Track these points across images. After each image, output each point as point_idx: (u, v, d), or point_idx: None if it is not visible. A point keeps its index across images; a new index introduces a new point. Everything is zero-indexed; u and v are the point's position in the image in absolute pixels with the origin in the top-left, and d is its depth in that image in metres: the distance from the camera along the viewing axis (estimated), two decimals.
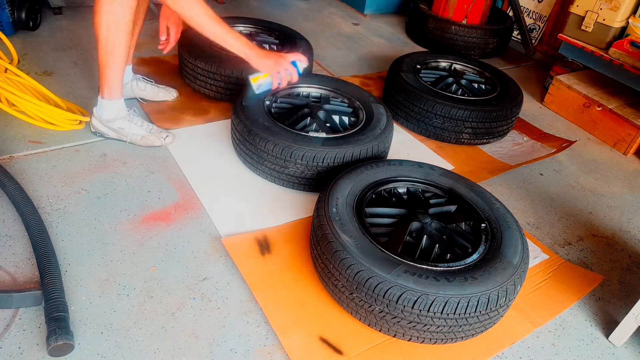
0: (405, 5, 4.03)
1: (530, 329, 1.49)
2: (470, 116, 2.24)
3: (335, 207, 1.47)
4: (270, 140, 1.78)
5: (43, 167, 1.82)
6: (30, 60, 2.49)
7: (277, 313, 1.41)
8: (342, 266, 1.32)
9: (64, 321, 1.25)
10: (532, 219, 1.99)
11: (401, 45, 3.50)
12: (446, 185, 1.71)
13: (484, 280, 1.30)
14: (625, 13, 2.55)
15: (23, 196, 1.61)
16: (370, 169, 1.68)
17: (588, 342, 1.50)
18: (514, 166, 2.26)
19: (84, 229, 1.60)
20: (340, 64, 3.07)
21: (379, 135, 1.90)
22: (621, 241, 1.94)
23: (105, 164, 1.89)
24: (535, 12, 3.56)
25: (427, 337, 1.32)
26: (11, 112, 1.93)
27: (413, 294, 1.24)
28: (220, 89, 2.30)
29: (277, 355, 1.32)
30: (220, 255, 1.59)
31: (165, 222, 1.67)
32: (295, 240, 1.67)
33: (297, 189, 1.90)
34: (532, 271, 1.69)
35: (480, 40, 3.27)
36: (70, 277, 1.43)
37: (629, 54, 2.47)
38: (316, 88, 2.20)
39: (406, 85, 2.34)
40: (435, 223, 1.53)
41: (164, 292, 1.44)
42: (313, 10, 3.88)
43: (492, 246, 1.45)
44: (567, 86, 2.78)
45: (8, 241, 1.51)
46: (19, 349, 1.23)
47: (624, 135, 2.54)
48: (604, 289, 1.70)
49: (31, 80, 1.99)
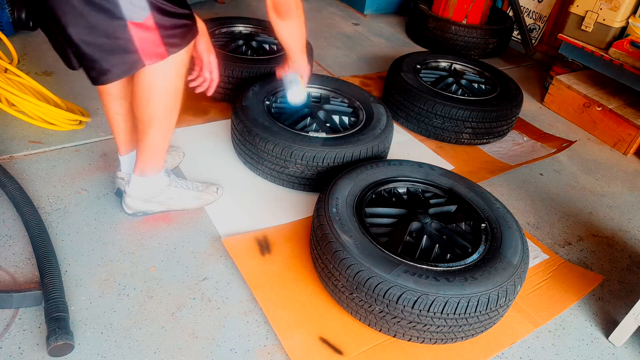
0: (405, 5, 4.03)
1: (530, 329, 1.49)
2: (470, 116, 2.24)
3: (335, 207, 1.47)
4: (270, 140, 1.78)
5: (43, 167, 1.82)
6: (30, 61, 2.49)
7: (277, 313, 1.41)
8: (342, 266, 1.32)
9: (64, 321, 1.25)
10: (532, 219, 1.99)
11: (401, 45, 3.50)
12: (446, 185, 1.71)
13: (484, 281, 1.30)
14: (625, 13, 2.55)
15: (23, 196, 1.61)
16: (370, 169, 1.68)
17: (588, 342, 1.50)
18: (514, 166, 2.26)
19: (84, 229, 1.60)
20: (340, 64, 3.07)
21: (379, 135, 1.90)
22: (621, 241, 1.94)
23: (106, 164, 1.89)
24: (535, 12, 3.56)
25: (427, 337, 1.32)
26: (11, 112, 1.93)
27: (413, 294, 1.24)
28: (220, 89, 2.30)
29: (277, 355, 1.32)
30: (220, 255, 1.59)
31: (165, 222, 1.67)
32: (295, 240, 1.67)
33: (297, 189, 1.90)
34: (532, 271, 1.69)
35: (480, 40, 3.27)
36: (70, 277, 1.43)
37: (629, 54, 2.47)
38: (316, 88, 2.20)
39: (406, 85, 2.34)
40: (435, 223, 1.53)
41: (164, 292, 1.44)
42: (313, 10, 3.88)
43: (492, 246, 1.45)
44: (567, 86, 2.78)
45: (8, 241, 1.51)
46: (19, 349, 1.23)
47: (624, 135, 2.54)
48: (604, 289, 1.70)
49: (31, 81, 1.99)
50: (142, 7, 1.18)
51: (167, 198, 1.66)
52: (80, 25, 1.17)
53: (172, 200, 1.68)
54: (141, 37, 1.22)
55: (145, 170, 1.56)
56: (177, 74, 1.36)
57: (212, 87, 1.63)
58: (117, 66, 1.26)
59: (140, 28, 1.21)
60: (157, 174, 1.60)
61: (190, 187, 1.72)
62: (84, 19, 1.16)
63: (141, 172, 1.56)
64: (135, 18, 1.19)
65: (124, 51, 1.23)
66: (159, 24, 1.22)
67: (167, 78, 1.35)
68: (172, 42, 1.28)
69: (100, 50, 1.23)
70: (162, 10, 1.21)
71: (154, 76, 1.32)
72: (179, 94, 1.42)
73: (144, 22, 1.20)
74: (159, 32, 1.24)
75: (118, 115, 1.57)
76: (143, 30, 1.21)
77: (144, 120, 1.42)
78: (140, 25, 1.20)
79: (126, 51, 1.23)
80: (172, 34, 1.27)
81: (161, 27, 1.23)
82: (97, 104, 2.19)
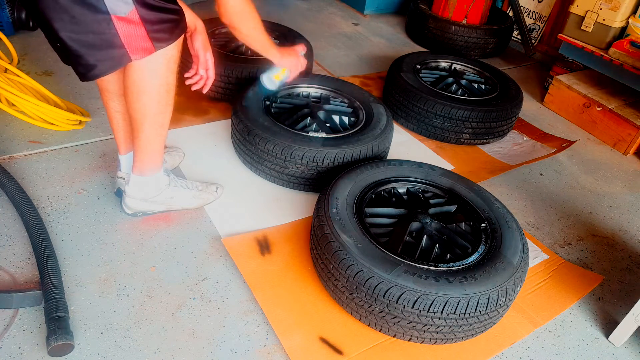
0: (405, 5, 4.04)
1: (530, 329, 1.49)
2: (470, 116, 2.24)
3: (335, 207, 1.47)
4: (270, 140, 1.78)
5: (43, 167, 1.82)
6: (30, 61, 2.49)
7: (277, 313, 1.41)
8: (342, 266, 1.32)
9: (64, 321, 1.25)
10: (532, 219, 1.99)
11: (401, 45, 3.50)
12: (446, 185, 1.71)
13: (484, 281, 1.30)
14: (625, 13, 2.55)
15: (23, 196, 1.61)
16: (370, 169, 1.68)
17: (588, 342, 1.50)
18: (514, 166, 2.26)
19: (84, 229, 1.60)
20: (340, 64, 3.07)
21: (379, 135, 1.90)
22: (621, 241, 1.94)
23: (105, 164, 1.89)
24: (535, 12, 3.56)
25: (427, 337, 1.32)
26: (11, 112, 1.94)
27: (413, 294, 1.24)
28: (220, 89, 2.30)
29: (277, 355, 1.32)
30: (220, 255, 1.59)
31: (165, 222, 1.67)
32: (295, 240, 1.67)
33: (297, 189, 1.90)
34: (532, 271, 1.69)
35: (480, 40, 3.27)
36: (70, 277, 1.43)
37: (628, 54, 2.47)
38: (316, 88, 2.20)
39: (406, 85, 2.34)
40: (435, 223, 1.53)
41: (164, 292, 1.44)
42: (313, 10, 3.88)
43: (492, 246, 1.45)
44: (567, 86, 2.78)
45: (8, 241, 1.51)
46: (19, 349, 1.23)
47: (624, 135, 2.54)
48: (604, 289, 1.70)
49: (31, 81, 1.99)
50: (125, 1, 1.18)
51: (166, 198, 1.65)
52: (65, 20, 1.18)
53: (172, 200, 1.67)
54: (126, 31, 1.22)
55: (144, 170, 1.55)
56: (166, 69, 1.35)
57: (208, 85, 1.65)
58: (103, 61, 1.26)
59: (124, 22, 1.20)
60: (156, 173, 1.59)
61: (190, 186, 1.72)
62: (67, 13, 1.17)
63: (140, 172, 1.55)
64: (119, 12, 1.19)
65: (109, 46, 1.23)
66: (144, 18, 1.22)
67: (157, 73, 1.34)
68: (159, 37, 1.27)
69: (85, 46, 1.23)
70: (146, 4, 1.21)
71: (142, 72, 1.32)
72: (171, 89, 1.41)
73: (127, 16, 1.20)
74: (145, 27, 1.23)
75: (117, 113, 1.57)
76: (127, 25, 1.21)
77: (137, 117, 1.42)
78: (124, 20, 1.20)
79: (112, 46, 1.23)
80: (159, 28, 1.27)
81: (147, 21, 1.23)
82: (97, 104, 2.19)
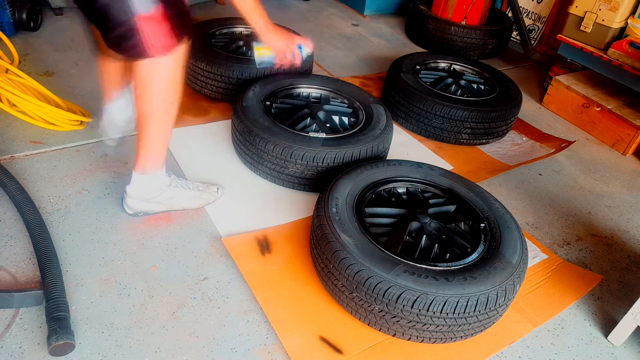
0: (404, 6, 4.04)
1: (530, 328, 1.50)
2: (470, 116, 2.24)
3: (335, 207, 1.48)
4: (271, 140, 1.79)
5: (44, 167, 1.83)
6: (31, 61, 2.49)
7: (278, 312, 1.42)
8: (342, 266, 1.32)
9: (65, 321, 1.25)
10: (531, 218, 1.99)
11: (401, 46, 3.51)
12: (445, 186, 1.71)
13: (483, 280, 1.30)
14: (624, 14, 2.56)
15: (24, 196, 1.62)
16: (370, 169, 1.69)
17: (587, 341, 1.51)
18: (513, 166, 2.27)
19: (84, 229, 1.60)
20: (340, 65, 3.08)
21: (378, 135, 1.91)
22: (620, 241, 1.95)
23: (106, 164, 1.89)
24: (535, 12, 3.56)
25: (426, 337, 1.32)
26: (12, 113, 1.94)
27: (412, 294, 1.25)
28: (220, 90, 2.31)
29: (277, 354, 1.32)
30: (220, 255, 1.59)
31: (165, 222, 1.68)
32: (295, 240, 1.67)
33: (297, 189, 1.90)
34: (531, 271, 1.70)
35: (479, 41, 3.27)
36: (71, 276, 1.44)
37: (627, 55, 2.48)
38: (316, 88, 2.21)
39: (406, 86, 2.35)
40: (435, 223, 1.53)
41: (165, 291, 1.45)
42: (313, 11, 3.88)
43: (491, 246, 1.45)
44: (566, 86, 2.79)
45: (9, 241, 1.52)
46: (19, 348, 1.24)
47: (623, 135, 2.54)
48: (603, 289, 1.71)
49: (32, 81, 1.99)
50: None
51: (167, 198, 1.66)
52: None
53: (172, 200, 1.68)
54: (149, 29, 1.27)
55: (146, 168, 1.56)
56: (175, 64, 1.39)
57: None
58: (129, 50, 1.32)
59: (147, 20, 1.25)
60: (158, 172, 1.60)
61: (190, 187, 1.73)
62: None
63: (142, 170, 1.56)
64: (142, 11, 1.24)
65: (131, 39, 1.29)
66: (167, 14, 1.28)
67: (166, 68, 1.37)
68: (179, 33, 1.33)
69: None
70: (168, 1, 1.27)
71: (151, 66, 1.35)
72: (178, 85, 1.44)
73: (152, 13, 1.25)
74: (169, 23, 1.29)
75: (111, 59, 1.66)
76: (150, 23, 1.26)
77: (145, 111, 1.44)
78: (147, 18, 1.25)
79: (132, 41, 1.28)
80: (178, 23, 1.32)
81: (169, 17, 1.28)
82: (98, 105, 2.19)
